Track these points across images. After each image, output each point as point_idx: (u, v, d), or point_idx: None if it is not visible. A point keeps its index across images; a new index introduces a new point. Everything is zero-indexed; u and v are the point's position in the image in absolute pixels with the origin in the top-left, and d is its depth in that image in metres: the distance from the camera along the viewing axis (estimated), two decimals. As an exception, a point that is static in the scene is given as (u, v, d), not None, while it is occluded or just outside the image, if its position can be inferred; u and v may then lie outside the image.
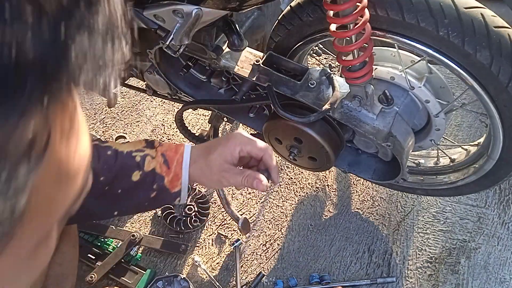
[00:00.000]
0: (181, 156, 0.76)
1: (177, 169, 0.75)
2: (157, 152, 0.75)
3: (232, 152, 0.74)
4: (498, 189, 1.41)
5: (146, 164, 0.73)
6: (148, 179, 0.73)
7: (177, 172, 0.74)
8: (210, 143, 0.79)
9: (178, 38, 0.82)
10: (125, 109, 1.77)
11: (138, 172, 0.73)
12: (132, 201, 0.74)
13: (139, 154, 0.75)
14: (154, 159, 0.74)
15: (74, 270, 1.03)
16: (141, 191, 0.74)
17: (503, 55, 0.79)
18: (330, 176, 1.50)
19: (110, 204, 0.74)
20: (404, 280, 1.27)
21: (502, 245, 1.31)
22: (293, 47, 1.04)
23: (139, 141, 0.78)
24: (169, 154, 0.76)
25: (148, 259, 1.37)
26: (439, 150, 1.16)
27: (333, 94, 0.92)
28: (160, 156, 0.75)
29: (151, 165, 0.74)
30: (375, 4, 0.84)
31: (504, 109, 0.86)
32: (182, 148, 0.77)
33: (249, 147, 0.75)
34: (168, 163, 0.75)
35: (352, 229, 1.38)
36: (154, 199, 0.74)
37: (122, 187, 0.72)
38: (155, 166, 0.74)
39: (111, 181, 0.71)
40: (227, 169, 0.74)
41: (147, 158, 0.74)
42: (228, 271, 1.33)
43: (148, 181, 0.73)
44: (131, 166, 0.73)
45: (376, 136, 0.96)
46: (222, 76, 1.09)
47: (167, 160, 0.75)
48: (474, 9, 0.81)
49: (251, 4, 0.81)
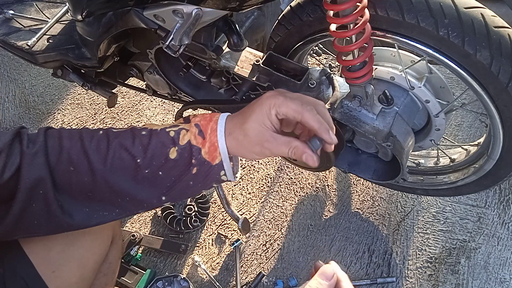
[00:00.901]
0: (215, 124, 0.69)
1: (212, 137, 0.68)
2: (191, 124, 0.70)
3: (269, 116, 0.66)
4: (498, 189, 1.41)
5: (181, 138, 0.68)
6: (185, 154, 0.68)
7: (213, 141, 0.68)
8: (245, 109, 0.70)
9: (178, 38, 0.82)
10: (125, 109, 1.77)
11: (174, 148, 0.68)
12: (176, 182, 0.69)
13: (173, 129, 0.70)
14: (189, 131, 0.69)
15: (115, 281, 1.05)
16: (181, 168, 0.68)
17: (503, 55, 0.79)
18: (330, 176, 1.50)
19: (154, 189, 0.70)
20: (404, 280, 1.27)
21: (502, 245, 1.31)
22: (293, 47, 1.04)
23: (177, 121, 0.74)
24: (203, 123, 0.69)
25: (148, 259, 1.37)
26: (439, 150, 1.16)
27: (333, 94, 0.92)
28: (194, 126, 0.69)
29: (186, 138, 0.68)
30: (375, 4, 0.84)
31: (504, 109, 0.86)
32: (216, 116, 0.70)
33: (283, 109, 0.65)
34: (203, 133, 0.68)
35: (352, 229, 1.38)
36: (197, 176, 0.69)
37: (162, 168, 0.68)
38: (190, 138, 0.68)
39: (149, 163, 0.67)
40: (269, 137, 0.66)
41: (182, 132, 0.69)
42: (228, 271, 1.33)
43: (186, 156, 0.68)
44: (166, 143, 0.68)
45: (376, 136, 0.96)
46: (222, 76, 1.09)
47: (201, 130, 0.69)
48: (474, 9, 0.80)
49: (251, 4, 0.81)
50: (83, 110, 1.78)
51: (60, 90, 1.87)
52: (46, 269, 0.77)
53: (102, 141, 0.68)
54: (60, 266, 0.79)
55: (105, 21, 0.97)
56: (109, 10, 0.94)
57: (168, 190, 0.70)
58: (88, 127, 1.71)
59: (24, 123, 1.76)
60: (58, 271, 0.78)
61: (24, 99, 1.85)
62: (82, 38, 1.09)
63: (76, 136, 0.69)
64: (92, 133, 0.70)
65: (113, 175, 0.67)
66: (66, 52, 1.14)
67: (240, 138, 0.67)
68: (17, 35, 1.21)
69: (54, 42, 1.17)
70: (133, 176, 0.68)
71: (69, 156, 0.67)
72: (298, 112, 0.65)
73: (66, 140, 0.68)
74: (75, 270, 0.82)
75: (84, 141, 0.68)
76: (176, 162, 0.68)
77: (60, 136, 0.69)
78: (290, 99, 0.66)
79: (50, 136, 0.68)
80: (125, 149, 0.67)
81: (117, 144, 0.68)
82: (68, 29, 1.20)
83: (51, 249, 0.79)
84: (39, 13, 1.27)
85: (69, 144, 0.68)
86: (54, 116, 1.77)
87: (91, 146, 0.68)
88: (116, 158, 0.67)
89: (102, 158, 0.67)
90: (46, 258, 0.78)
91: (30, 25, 1.24)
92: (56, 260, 0.79)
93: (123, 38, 1.09)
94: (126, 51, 1.20)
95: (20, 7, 1.29)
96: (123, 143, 0.68)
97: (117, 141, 0.68)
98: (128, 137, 0.69)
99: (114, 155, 0.67)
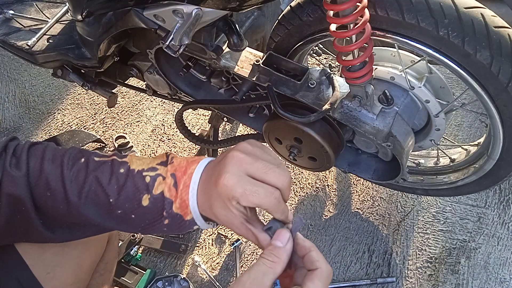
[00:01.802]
0: (189, 178, 0.63)
1: (183, 194, 0.63)
2: (168, 171, 0.65)
3: (232, 207, 0.59)
4: (498, 189, 1.41)
5: (156, 187, 0.64)
6: (158, 204, 0.64)
7: (183, 198, 0.63)
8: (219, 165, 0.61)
9: (178, 38, 0.81)
10: (125, 109, 1.77)
11: (147, 195, 0.64)
12: (150, 226, 0.66)
13: (149, 174, 0.65)
14: (164, 180, 0.64)
15: (111, 281, 1.05)
16: (154, 216, 0.65)
17: (503, 55, 0.79)
18: (330, 176, 1.50)
19: (129, 227, 0.68)
20: (404, 280, 1.27)
21: (502, 245, 1.31)
22: (293, 47, 1.04)
23: (159, 156, 0.69)
24: (178, 174, 0.64)
25: (148, 259, 1.37)
26: (439, 150, 1.16)
27: (333, 94, 0.92)
28: (170, 177, 0.64)
29: (160, 188, 0.64)
30: (375, 4, 0.84)
31: (504, 109, 0.86)
32: (193, 167, 0.64)
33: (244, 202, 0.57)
34: (177, 185, 0.64)
35: (352, 229, 1.38)
36: (170, 225, 0.65)
37: (135, 212, 0.65)
38: (164, 189, 0.64)
39: (122, 205, 0.65)
40: (239, 226, 0.60)
41: (157, 179, 0.65)
42: (228, 271, 1.33)
43: (158, 206, 0.64)
44: (140, 189, 0.64)
45: (376, 136, 0.96)
46: (222, 76, 1.09)
47: (176, 182, 0.64)
48: (474, 9, 0.80)
49: (251, 4, 0.81)
50: (83, 110, 1.78)
51: (60, 90, 1.87)
52: (41, 270, 0.77)
53: (81, 172, 0.66)
54: (55, 267, 0.79)
55: (105, 21, 0.97)
56: (109, 10, 0.94)
57: (144, 229, 0.68)
58: (88, 127, 1.71)
59: (24, 123, 1.76)
60: (53, 272, 0.78)
61: (24, 99, 1.85)
62: (82, 38, 1.09)
63: (58, 160, 0.67)
64: (74, 160, 0.68)
65: (87, 209, 0.65)
66: (66, 52, 1.14)
67: (211, 215, 0.62)
68: (17, 35, 1.21)
69: (54, 42, 1.17)
70: (107, 213, 0.66)
71: (47, 181, 0.65)
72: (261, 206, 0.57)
73: (47, 164, 0.66)
74: (70, 271, 0.81)
75: (64, 168, 0.66)
76: (148, 210, 0.65)
77: (43, 157, 0.67)
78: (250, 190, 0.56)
79: (33, 156, 0.67)
80: (100, 185, 0.65)
81: (93, 178, 0.65)
82: (68, 29, 1.20)
83: (45, 250, 0.78)
84: (39, 13, 1.27)
85: (49, 169, 0.66)
86: (54, 116, 1.77)
87: (70, 175, 0.66)
88: (92, 192, 0.65)
89: (78, 190, 0.65)
90: (40, 260, 0.77)
91: (30, 25, 1.24)
92: (51, 261, 0.78)
93: (123, 38, 1.09)
94: (126, 51, 1.20)
95: (20, 7, 1.29)
96: (100, 178, 0.65)
97: (94, 174, 0.66)
98: (106, 172, 0.66)
99: (89, 189, 0.65)
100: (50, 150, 0.69)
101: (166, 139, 1.66)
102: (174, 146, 1.64)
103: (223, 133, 1.65)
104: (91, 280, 0.93)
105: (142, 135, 1.68)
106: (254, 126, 1.18)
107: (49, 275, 0.78)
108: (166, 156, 0.68)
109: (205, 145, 1.32)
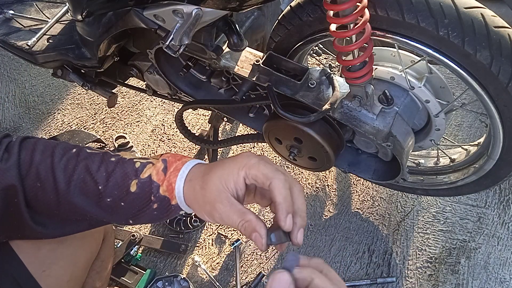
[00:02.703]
0: (181, 164, 0.64)
1: (172, 177, 0.63)
2: (159, 158, 0.66)
3: (235, 177, 0.58)
4: (498, 189, 1.41)
5: (144, 171, 0.64)
6: (145, 189, 0.64)
7: (171, 180, 0.62)
8: (218, 161, 0.63)
9: (178, 38, 0.81)
10: (125, 109, 1.77)
11: (135, 181, 0.64)
12: (140, 212, 0.66)
13: (140, 161, 0.66)
14: (154, 165, 0.65)
15: (108, 278, 1.06)
16: (143, 202, 0.65)
17: (503, 55, 0.79)
18: (330, 176, 1.50)
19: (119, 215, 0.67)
20: (404, 280, 1.27)
21: (502, 245, 1.31)
22: (293, 47, 1.04)
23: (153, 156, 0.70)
24: (171, 159, 0.65)
25: (148, 259, 1.37)
26: (439, 150, 1.16)
27: (333, 94, 0.92)
28: (160, 161, 0.65)
29: (148, 172, 0.64)
30: (375, 4, 0.84)
31: (504, 109, 0.86)
32: (187, 158, 0.66)
33: (254, 171, 0.57)
34: (167, 169, 0.64)
35: (352, 229, 1.38)
36: (159, 209, 0.65)
37: (124, 199, 0.65)
38: (152, 173, 0.64)
39: (110, 192, 0.65)
40: (224, 200, 0.57)
41: (147, 165, 0.65)
42: (228, 271, 1.33)
43: (146, 190, 0.64)
44: (129, 174, 0.65)
45: (376, 136, 0.96)
46: (222, 76, 1.09)
47: (166, 166, 0.64)
48: (474, 9, 0.80)
49: (251, 4, 0.81)
50: (83, 110, 1.78)
51: (60, 90, 1.87)
52: (37, 268, 0.77)
53: (71, 161, 0.66)
54: (51, 264, 0.79)
55: (105, 21, 0.97)
56: (109, 10, 0.94)
57: (134, 217, 0.67)
58: (88, 127, 1.71)
59: (24, 123, 1.76)
60: (49, 270, 0.78)
61: (24, 99, 1.85)
62: (82, 38, 1.09)
63: (49, 151, 0.67)
64: (65, 150, 0.68)
65: (76, 198, 0.65)
66: (66, 52, 1.14)
67: (197, 188, 0.60)
68: (17, 35, 1.21)
69: (54, 42, 1.17)
70: (96, 202, 0.66)
71: (37, 171, 0.65)
72: (268, 178, 0.56)
73: (38, 154, 0.66)
74: (66, 268, 0.82)
75: (54, 157, 0.66)
76: (137, 195, 0.64)
77: (34, 148, 0.67)
78: (264, 162, 0.57)
79: (24, 148, 0.67)
80: (89, 172, 0.65)
81: (83, 166, 0.65)
82: (68, 29, 1.20)
83: (40, 247, 0.78)
84: (39, 13, 1.27)
85: (39, 159, 0.66)
86: (54, 116, 1.77)
87: (59, 165, 0.66)
88: (80, 180, 0.65)
89: (67, 179, 0.65)
90: (36, 257, 0.78)
91: (30, 25, 1.24)
92: (46, 259, 0.79)
93: (123, 38, 1.09)
94: (126, 51, 1.20)
95: (20, 7, 1.29)
96: (89, 166, 0.65)
97: (84, 162, 0.66)
98: (96, 160, 0.66)
99: (78, 177, 0.65)
100: (41, 142, 0.69)
101: (166, 139, 1.66)
102: (174, 146, 1.64)
103: (223, 133, 1.65)
104: (87, 278, 0.93)
105: (142, 135, 1.68)
106: (254, 126, 1.18)
107: (45, 273, 0.78)
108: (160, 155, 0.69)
109: (205, 145, 1.32)
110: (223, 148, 1.59)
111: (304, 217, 0.56)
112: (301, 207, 0.56)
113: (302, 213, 0.56)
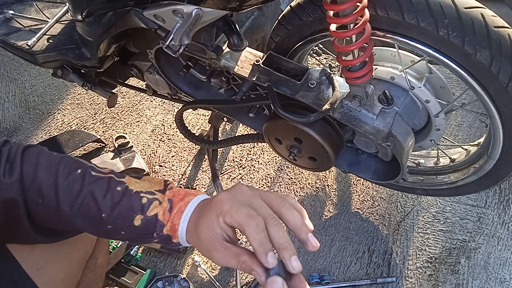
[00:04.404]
0: (184, 205, 0.66)
1: (175, 219, 0.66)
2: (165, 196, 0.68)
3: (219, 224, 0.59)
4: (498, 189, 1.41)
5: (151, 209, 0.67)
6: (150, 225, 0.67)
7: (174, 222, 0.66)
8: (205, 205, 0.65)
9: (178, 38, 0.82)
10: (125, 109, 1.77)
11: (140, 216, 0.67)
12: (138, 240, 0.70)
13: (147, 196, 0.68)
14: (161, 204, 0.68)
15: (103, 276, 1.06)
16: (143, 235, 0.68)
17: (503, 55, 0.79)
18: (330, 176, 1.50)
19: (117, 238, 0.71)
20: (404, 280, 1.27)
21: (502, 245, 1.31)
22: (293, 47, 1.04)
23: (157, 181, 0.72)
24: (175, 200, 0.68)
25: (148, 259, 1.37)
26: (439, 150, 1.16)
27: (333, 94, 0.92)
28: (166, 201, 0.68)
29: (155, 210, 0.67)
30: (375, 4, 0.84)
31: (504, 109, 0.86)
32: (191, 197, 0.68)
33: (228, 219, 0.58)
34: (171, 210, 0.67)
35: (352, 229, 1.38)
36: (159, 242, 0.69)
37: (125, 229, 0.68)
38: (158, 212, 0.67)
39: (113, 221, 0.67)
40: (218, 247, 0.59)
41: (154, 202, 0.68)
42: (228, 271, 1.33)
43: (150, 227, 0.67)
44: (135, 208, 0.67)
45: (376, 136, 0.96)
46: (222, 76, 1.09)
47: (171, 207, 0.67)
48: (474, 9, 0.80)
49: (251, 4, 0.81)
50: (83, 110, 1.78)
51: (60, 90, 1.87)
52: (31, 267, 0.78)
53: (76, 183, 0.67)
54: (46, 263, 0.80)
55: (105, 21, 0.97)
56: (109, 10, 0.94)
57: (131, 241, 0.72)
58: (88, 127, 1.71)
59: (24, 123, 1.76)
60: (43, 268, 0.79)
61: (24, 99, 1.85)
62: (82, 38, 1.09)
63: (53, 168, 0.68)
64: (70, 170, 0.69)
65: (77, 219, 0.67)
66: (66, 52, 1.14)
67: (195, 239, 0.63)
68: (17, 35, 1.21)
69: (54, 42, 1.17)
70: (96, 225, 0.68)
71: (40, 188, 0.66)
72: (241, 226, 0.56)
73: (42, 171, 0.67)
74: (60, 267, 0.82)
75: (58, 177, 0.67)
76: (139, 229, 0.67)
77: (37, 163, 0.68)
78: (236, 207, 0.57)
79: (26, 161, 0.68)
80: (94, 199, 0.67)
81: (88, 192, 0.67)
82: (68, 29, 1.20)
83: (34, 247, 0.79)
84: (39, 13, 1.27)
85: (43, 176, 0.67)
86: (54, 116, 1.77)
87: (64, 185, 0.67)
88: (84, 205, 0.67)
89: (70, 201, 0.67)
90: (31, 256, 0.78)
91: (30, 25, 1.24)
92: (41, 258, 0.79)
93: (123, 38, 1.09)
94: (126, 51, 1.20)
95: (20, 7, 1.29)
96: (95, 193, 0.67)
97: (89, 188, 0.67)
98: (102, 188, 0.68)
99: (83, 202, 0.67)
100: (44, 156, 0.70)
101: (166, 139, 1.66)
102: (174, 146, 1.64)
103: (223, 133, 1.65)
104: (82, 276, 0.94)
105: (142, 135, 1.68)
106: (254, 126, 1.18)
107: (40, 271, 0.78)
108: (164, 183, 0.71)
109: (205, 145, 1.32)
110: (223, 148, 1.59)
111: (287, 247, 0.55)
112: (281, 240, 0.56)
113: (284, 245, 0.55)
